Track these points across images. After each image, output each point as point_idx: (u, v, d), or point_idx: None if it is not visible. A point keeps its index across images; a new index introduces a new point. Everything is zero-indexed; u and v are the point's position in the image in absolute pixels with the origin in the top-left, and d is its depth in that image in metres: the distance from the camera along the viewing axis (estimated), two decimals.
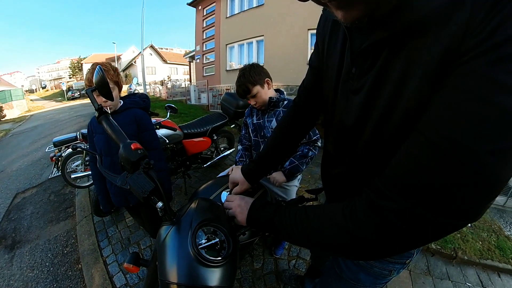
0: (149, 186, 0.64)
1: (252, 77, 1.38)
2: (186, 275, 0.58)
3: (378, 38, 0.40)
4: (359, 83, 0.48)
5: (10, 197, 3.45)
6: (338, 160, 0.66)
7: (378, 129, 0.47)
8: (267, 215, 0.62)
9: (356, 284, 0.80)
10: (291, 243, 0.62)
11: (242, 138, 1.73)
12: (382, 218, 0.38)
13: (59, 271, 2.04)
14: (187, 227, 0.64)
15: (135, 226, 2.46)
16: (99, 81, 0.73)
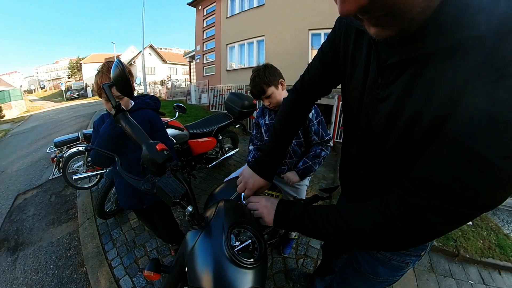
0: (181, 189, 0.61)
1: (267, 78, 1.37)
2: (222, 279, 0.55)
3: (409, 57, 0.45)
4: (385, 92, 0.53)
5: (12, 198, 3.40)
6: (362, 162, 0.70)
7: (404, 136, 0.51)
8: (295, 215, 0.65)
9: (375, 277, 0.85)
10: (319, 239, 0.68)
11: (253, 138, 1.71)
12: (414, 213, 0.45)
13: (64, 274, 2.00)
14: (219, 231, 0.61)
15: (140, 228, 2.42)
16: (118, 76, 0.68)
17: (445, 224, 0.44)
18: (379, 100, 0.55)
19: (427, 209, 0.43)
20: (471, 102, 0.37)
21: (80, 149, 2.93)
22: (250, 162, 1.59)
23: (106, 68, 1.19)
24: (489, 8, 0.35)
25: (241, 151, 4.05)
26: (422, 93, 0.45)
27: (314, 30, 8.30)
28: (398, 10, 0.37)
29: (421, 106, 0.45)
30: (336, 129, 5.19)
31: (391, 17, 0.38)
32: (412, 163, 0.47)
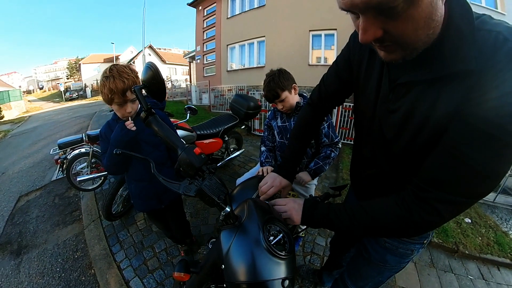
0: (223, 191, 0.64)
1: (281, 82, 1.42)
2: (264, 272, 0.59)
3: (417, 79, 0.57)
4: (395, 105, 0.64)
5: (13, 200, 3.36)
6: (373, 163, 0.81)
7: (411, 142, 0.63)
8: (322, 212, 0.73)
9: (384, 265, 0.96)
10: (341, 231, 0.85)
11: (265, 139, 1.74)
12: (426, 204, 0.56)
13: (72, 276, 1.98)
14: (255, 227, 0.64)
15: (148, 230, 2.41)
16: (152, 78, 0.69)
17: (449, 211, 0.56)
18: (390, 111, 0.66)
19: (436, 200, 0.55)
20: (463, 118, 0.49)
21: (84, 150, 2.91)
22: (263, 162, 1.62)
23: (116, 71, 1.14)
24: (479, 44, 0.47)
25: (246, 151, 4.05)
26: (426, 108, 0.56)
27: (315, 31, 8.32)
28: (404, 42, 0.48)
29: (424, 118, 0.57)
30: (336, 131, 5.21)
31: (397, 46, 0.49)
32: (418, 164, 0.59)
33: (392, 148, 0.69)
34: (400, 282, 2.04)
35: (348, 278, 1.14)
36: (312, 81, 8.30)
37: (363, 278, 1.07)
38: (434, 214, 0.56)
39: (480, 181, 0.50)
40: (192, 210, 2.71)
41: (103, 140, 1.36)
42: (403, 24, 0.44)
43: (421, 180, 0.58)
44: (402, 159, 0.68)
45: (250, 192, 0.95)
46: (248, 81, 9.65)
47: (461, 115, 0.49)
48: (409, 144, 0.63)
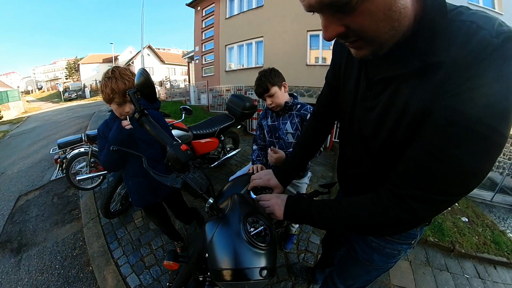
0: (206, 183, 0.70)
1: (272, 78, 1.48)
2: (242, 260, 0.63)
3: (391, 75, 0.56)
4: (373, 103, 0.64)
5: (13, 200, 3.40)
6: (356, 162, 0.81)
7: (388, 139, 0.62)
8: (303, 208, 0.74)
9: (371, 264, 0.96)
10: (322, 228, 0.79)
11: (257, 138, 1.78)
12: (401, 201, 0.55)
13: (70, 273, 2.02)
14: (237, 219, 0.69)
15: (145, 227, 2.45)
16: (143, 83, 0.75)
17: (425, 210, 0.54)
18: (368, 109, 0.66)
19: (411, 197, 0.53)
20: (437, 112, 0.48)
21: (83, 150, 2.96)
22: (255, 160, 1.66)
23: (118, 73, 1.22)
24: (453, 35, 0.46)
25: (242, 151, 4.10)
26: (401, 104, 0.56)
27: (313, 31, 8.34)
28: (368, 36, 0.47)
29: (400, 114, 0.57)
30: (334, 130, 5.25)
31: (363, 41, 0.49)
32: (394, 162, 0.58)
33: (371, 146, 0.69)
34: (395, 280, 2.06)
35: (337, 277, 1.16)
36: (310, 81, 8.39)
37: (351, 277, 1.08)
38: (408, 212, 0.54)
39: (457, 179, 0.48)
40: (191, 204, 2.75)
41: (101, 138, 1.42)
42: (361, 18, 0.44)
43: (397, 176, 0.56)
44: (382, 157, 0.68)
45: (240, 188, 1.00)
46: (247, 81, 9.68)
47: (436, 109, 0.48)
48: (387, 141, 0.63)
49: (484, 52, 0.42)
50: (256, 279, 0.61)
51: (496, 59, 0.42)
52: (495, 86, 0.42)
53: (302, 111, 1.54)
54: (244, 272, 0.62)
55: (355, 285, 1.09)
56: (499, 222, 6.82)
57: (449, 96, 0.46)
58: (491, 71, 0.42)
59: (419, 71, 0.51)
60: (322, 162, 4.54)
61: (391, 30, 0.46)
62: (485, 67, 0.42)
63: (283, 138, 1.58)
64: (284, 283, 1.86)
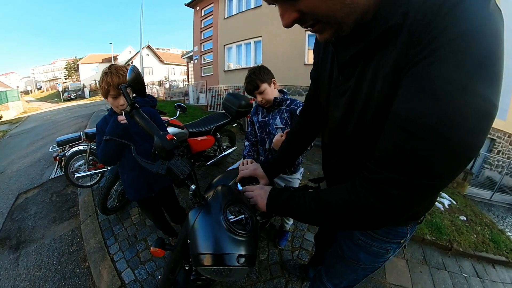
0: (187, 169, 0.73)
1: (261, 75, 1.52)
2: (220, 245, 0.65)
3: (353, 53, 0.55)
4: (345, 86, 0.62)
5: (12, 198, 3.44)
6: (334, 150, 0.78)
7: (359, 122, 0.59)
8: (283, 199, 0.72)
9: (357, 263, 0.91)
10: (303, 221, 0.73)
11: (248, 134, 1.82)
12: (375, 187, 0.50)
13: (67, 269, 2.06)
14: (218, 207, 0.72)
15: (141, 224, 2.49)
16: (134, 79, 0.80)
17: (404, 196, 0.47)
18: (340, 94, 0.65)
19: (385, 182, 0.48)
20: (405, 81, 0.44)
21: (81, 148, 3.00)
22: (246, 155, 1.70)
23: (114, 69, 1.32)
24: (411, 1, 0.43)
25: (239, 149, 4.13)
26: (369, 82, 0.53)
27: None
28: (323, 17, 0.46)
29: (369, 93, 0.54)
30: None
31: (321, 24, 0.48)
32: (371, 146, 0.53)
33: (344, 132, 0.66)
34: (391, 279, 2.05)
35: (324, 275, 1.13)
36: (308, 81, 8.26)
37: (338, 275, 1.04)
38: (383, 199, 0.49)
39: (436, 157, 0.42)
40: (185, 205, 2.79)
41: (99, 133, 1.49)
42: (309, 0, 0.44)
43: (372, 160, 0.51)
44: (355, 143, 0.65)
45: (228, 180, 1.04)
46: None
47: (404, 79, 0.44)
48: (358, 124, 0.60)
49: (443, 8, 0.38)
50: (234, 265, 0.64)
51: (458, 12, 0.37)
52: (466, 41, 0.37)
53: (292, 106, 1.58)
54: (222, 257, 0.64)
55: (342, 284, 1.04)
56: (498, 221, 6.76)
57: (416, 62, 0.42)
58: (454, 27, 0.37)
59: (379, 42, 0.48)
60: (318, 160, 4.57)
61: (344, 7, 0.44)
62: (447, 24, 0.38)
63: (273, 133, 1.61)
64: (277, 280, 1.88)
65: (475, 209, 3.89)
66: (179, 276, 1.01)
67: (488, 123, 0.40)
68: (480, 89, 0.37)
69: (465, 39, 0.37)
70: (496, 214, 7.42)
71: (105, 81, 1.30)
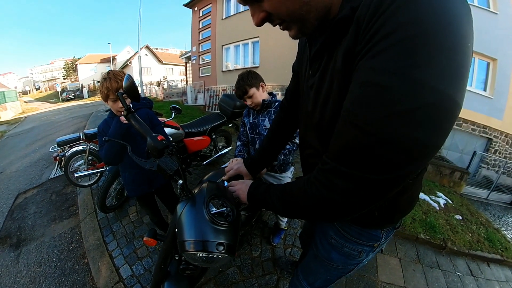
0: (174, 166, 0.82)
1: (249, 80, 1.60)
2: (202, 233, 0.73)
3: (317, 47, 0.58)
4: (312, 80, 0.65)
5: (12, 198, 3.49)
6: (307, 142, 0.80)
7: (321, 115, 0.61)
8: (261, 192, 0.77)
9: (330, 263, 0.92)
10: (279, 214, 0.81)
11: (240, 135, 1.90)
12: (324, 177, 0.52)
13: (66, 265, 2.13)
14: (202, 200, 0.80)
15: (139, 221, 2.57)
16: (129, 87, 0.89)
17: (348, 188, 0.47)
18: (309, 87, 0.67)
19: (332, 172, 0.50)
20: (354, 76, 0.44)
21: (81, 148, 3.07)
22: (237, 155, 1.78)
23: (112, 74, 1.42)
24: None
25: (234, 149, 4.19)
26: (328, 76, 0.56)
27: None
28: (286, 17, 0.50)
29: (328, 87, 0.56)
30: None
31: (286, 22, 0.53)
32: None
33: (313, 124, 0.68)
34: (383, 277, 2.05)
35: (301, 272, 1.13)
36: None
37: (312, 273, 1.04)
38: (330, 189, 0.50)
39: (381, 148, 0.40)
40: None
41: (101, 135, 1.56)
42: (270, 2, 0.49)
43: (326, 154, 0.53)
44: (320, 135, 0.67)
45: (217, 177, 1.12)
46: None
47: (354, 73, 0.44)
48: (320, 118, 0.62)
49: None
50: (214, 251, 0.71)
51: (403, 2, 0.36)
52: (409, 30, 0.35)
53: None
54: (203, 244, 0.72)
55: (316, 283, 1.04)
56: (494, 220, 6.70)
57: (362, 56, 0.41)
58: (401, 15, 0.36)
59: (334, 36, 0.50)
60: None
61: (303, 6, 0.47)
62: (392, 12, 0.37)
63: (263, 134, 1.70)
64: (269, 276, 1.94)
65: (471, 208, 3.89)
66: (171, 267, 1.09)
67: (440, 117, 0.38)
68: (428, 79, 0.35)
69: (408, 28, 0.35)
70: (493, 213, 7.39)
71: (105, 86, 1.40)
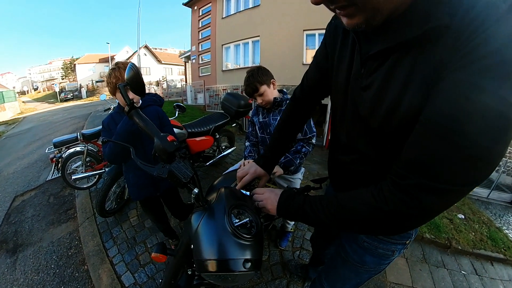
0: (190, 173, 0.70)
1: (260, 77, 1.51)
2: (226, 251, 0.63)
3: (385, 47, 0.51)
4: (367, 81, 0.58)
5: (9, 200, 3.39)
6: (349, 148, 0.74)
7: (387, 119, 0.55)
8: (297, 204, 0.69)
9: (362, 266, 0.88)
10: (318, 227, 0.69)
11: (249, 135, 1.80)
12: (406, 194, 0.48)
13: (65, 273, 2.03)
14: (222, 210, 0.69)
15: (140, 226, 2.47)
16: (133, 77, 0.76)
17: (434, 203, 0.46)
18: (362, 88, 0.61)
19: (416, 188, 0.46)
20: (445, 85, 0.41)
21: (78, 149, 2.96)
22: (247, 156, 1.68)
23: (122, 64, 1.33)
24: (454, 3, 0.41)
25: (238, 149, 4.11)
26: (401, 81, 0.50)
27: (309, 31, 8.36)
28: (360, 1, 0.43)
29: (401, 90, 0.50)
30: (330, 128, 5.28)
31: (353, 7, 0.44)
32: (398, 147, 0.51)
33: (368, 129, 0.63)
34: (391, 277, 2.05)
35: (325, 279, 1.08)
36: None
37: (340, 279, 1.00)
38: (415, 205, 0.47)
39: (470, 162, 0.41)
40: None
41: (105, 130, 1.46)
42: None
43: (401, 165, 0.49)
44: (380, 140, 0.62)
45: (230, 182, 1.02)
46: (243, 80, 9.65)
47: (444, 82, 0.42)
48: (386, 122, 0.56)
49: (492, 16, 0.38)
50: (240, 271, 0.62)
51: (504, 24, 0.37)
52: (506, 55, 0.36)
53: None
54: (228, 263, 0.62)
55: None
56: (495, 219, 6.80)
57: (456, 68, 0.40)
58: (499, 38, 0.37)
59: (420, 39, 0.46)
60: (318, 160, 4.56)
61: None
62: (493, 34, 0.37)
63: None
64: (279, 280, 1.87)
65: (473, 207, 3.85)
66: (181, 281, 0.98)
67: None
68: None
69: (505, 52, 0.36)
70: (494, 212, 7.46)
71: (114, 76, 1.30)
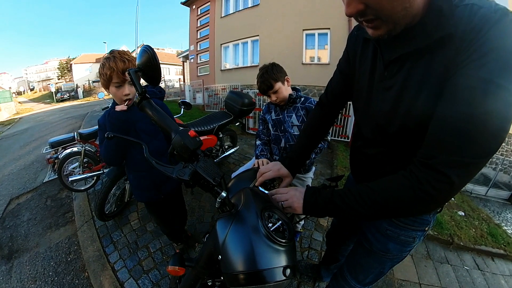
0: (220, 173, 0.61)
1: (274, 74, 1.48)
2: (265, 260, 0.55)
3: (404, 52, 0.62)
4: (390, 82, 0.69)
5: (4, 204, 3.26)
6: (375, 142, 0.82)
7: (407, 114, 0.66)
8: (326, 198, 0.71)
9: (385, 254, 0.94)
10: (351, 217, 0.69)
11: (260, 133, 1.76)
12: (435, 171, 0.55)
13: (65, 280, 1.93)
14: (253, 214, 0.61)
15: (142, 229, 2.37)
16: (148, 62, 0.64)
17: (460, 175, 0.53)
18: (385, 89, 0.71)
19: (443, 165, 0.54)
20: (455, 80, 0.53)
21: (76, 149, 2.86)
22: (259, 155, 1.61)
23: (117, 53, 1.16)
24: (458, 16, 0.53)
25: (240, 149, 4.04)
26: (418, 79, 0.61)
27: (308, 30, 8.36)
28: (383, 15, 0.54)
29: (419, 87, 0.61)
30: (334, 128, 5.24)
31: (380, 20, 0.55)
32: (419, 138, 0.60)
33: (391, 124, 0.71)
34: (398, 274, 2.09)
35: (348, 272, 1.12)
36: (305, 80, 8.36)
37: (364, 270, 1.05)
38: (443, 180, 0.54)
39: (485, 138, 0.50)
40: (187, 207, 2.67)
41: (101, 130, 1.34)
42: None
43: (426, 147, 0.57)
44: (401, 133, 0.70)
45: (247, 183, 0.92)
46: (242, 80, 9.61)
47: (454, 78, 0.53)
48: (407, 115, 0.65)
49: (487, 25, 0.50)
50: (280, 280, 0.54)
51: (498, 29, 0.49)
52: (501, 52, 0.48)
53: (307, 104, 1.55)
54: (266, 274, 0.54)
55: (367, 279, 1.06)
56: (494, 215, 7.09)
57: (464, 65, 0.51)
58: (495, 40, 0.49)
59: (431, 46, 0.57)
60: (319, 159, 4.51)
61: (403, 10, 0.53)
62: (490, 37, 0.49)
63: (289, 131, 1.57)
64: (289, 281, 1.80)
65: (472, 204, 3.95)
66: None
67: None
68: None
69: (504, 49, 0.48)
70: (492, 209, 7.77)
71: (107, 67, 1.12)
